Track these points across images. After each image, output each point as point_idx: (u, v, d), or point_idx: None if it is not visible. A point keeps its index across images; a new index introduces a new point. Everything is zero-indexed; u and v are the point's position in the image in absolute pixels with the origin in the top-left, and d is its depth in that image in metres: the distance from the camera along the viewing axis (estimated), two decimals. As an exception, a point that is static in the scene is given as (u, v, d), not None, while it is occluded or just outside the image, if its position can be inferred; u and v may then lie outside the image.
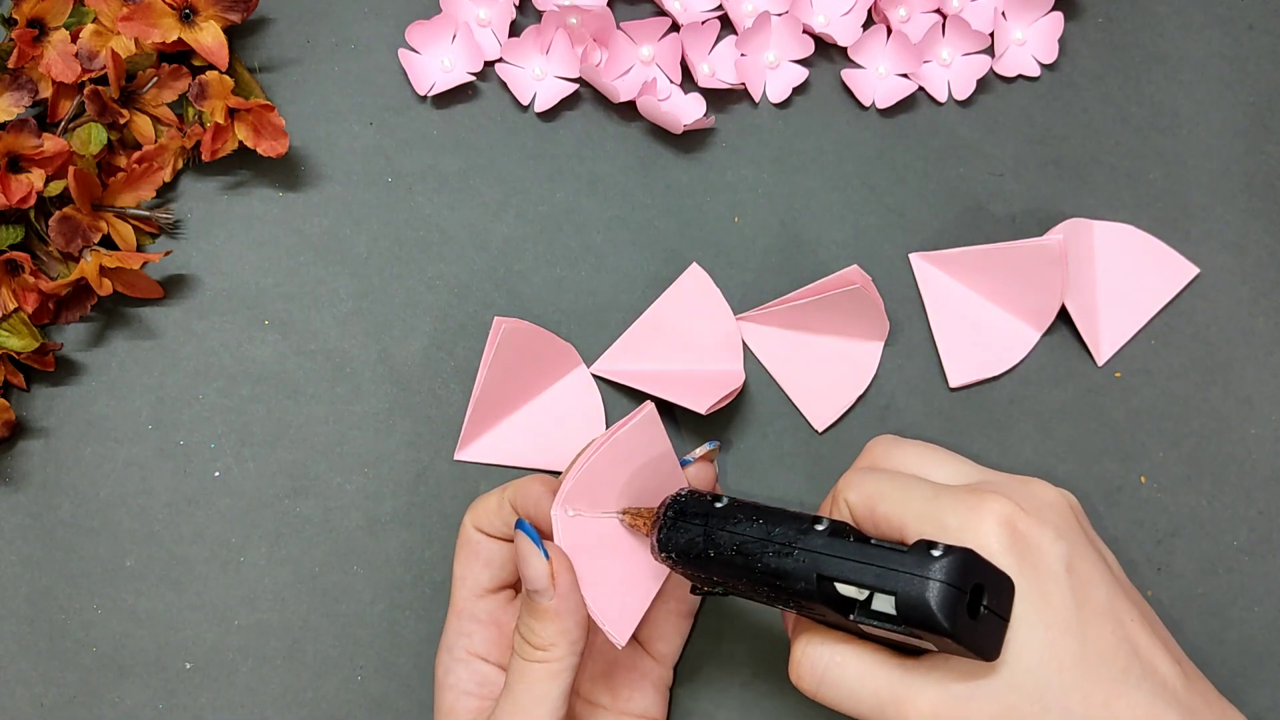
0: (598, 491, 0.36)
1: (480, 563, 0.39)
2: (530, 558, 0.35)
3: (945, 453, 0.36)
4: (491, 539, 0.39)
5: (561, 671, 0.35)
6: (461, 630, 0.39)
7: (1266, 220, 0.47)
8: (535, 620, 0.35)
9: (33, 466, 0.43)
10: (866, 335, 0.45)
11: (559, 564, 0.35)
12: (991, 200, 0.47)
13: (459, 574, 0.39)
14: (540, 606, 0.35)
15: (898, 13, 0.47)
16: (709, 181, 0.47)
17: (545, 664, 0.35)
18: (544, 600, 0.35)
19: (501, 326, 0.43)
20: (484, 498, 0.39)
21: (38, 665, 0.42)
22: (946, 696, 0.31)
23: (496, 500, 0.39)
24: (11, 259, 0.41)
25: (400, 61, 0.46)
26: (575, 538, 0.36)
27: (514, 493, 0.38)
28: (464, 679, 0.38)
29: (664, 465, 0.37)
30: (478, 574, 0.39)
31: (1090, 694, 0.30)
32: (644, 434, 0.37)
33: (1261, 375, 0.45)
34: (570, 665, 0.35)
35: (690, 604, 0.41)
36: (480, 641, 0.39)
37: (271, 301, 0.45)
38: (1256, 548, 0.44)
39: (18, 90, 0.43)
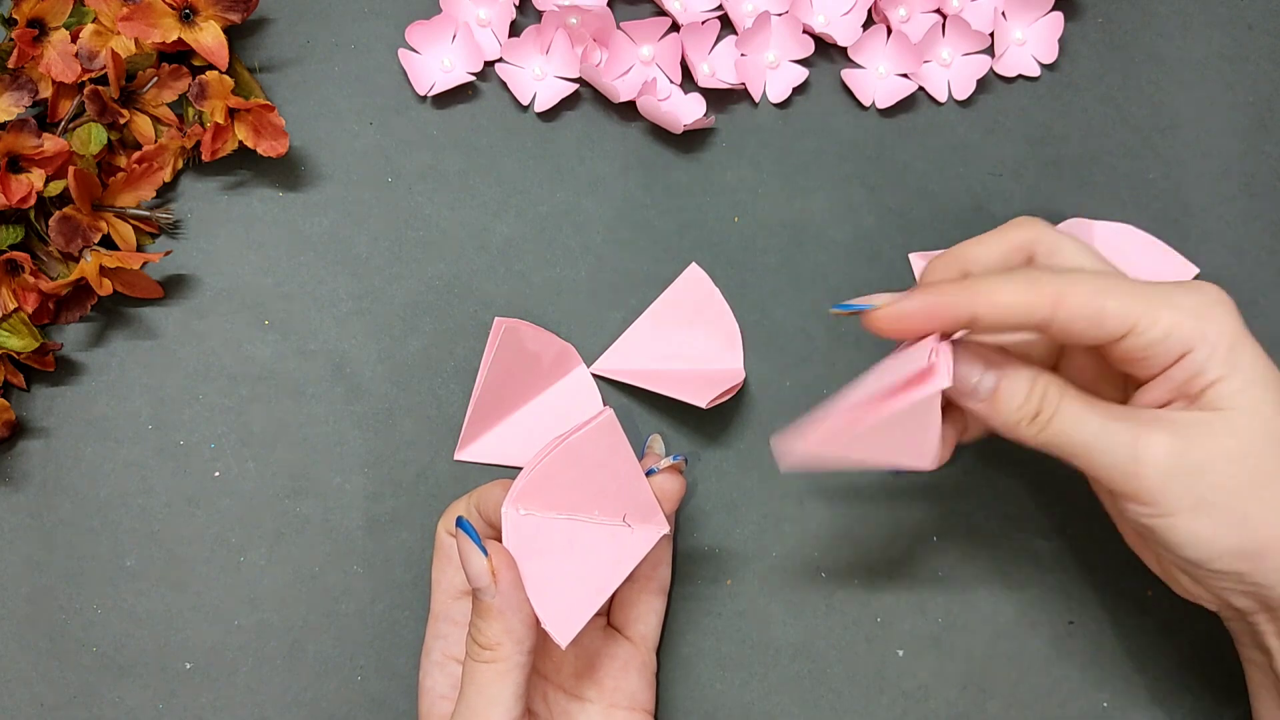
0: (551, 492, 0.36)
1: (453, 566, 0.39)
2: (470, 555, 0.35)
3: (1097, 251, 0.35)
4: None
5: (509, 671, 0.34)
6: (438, 633, 0.39)
7: (1266, 220, 0.47)
8: (481, 619, 0.35)
9: (33, 466, 0.43)
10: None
11: (499, 560, 0.35)
12: (991, 200, 0.47)
13: (435, 578, 0.40)
14: (484, 604, 0.35)
15: (898, 13, 0.47)
16: (709, 181, 0.47)
17: (493, 664, 0.34)
18: (486, 597, 0.35)
19: (501, 326, 0.43)
20: (455, 503, 0.40)
21: (38, 665, 0.42)
22: (1182, 436, 0.31)
23: (465, 505, 0.39)
24: (11, 259, 0.41)
25: (400, 61, 0.46)
26: (525, 537, 0.36)
27: (479, 497, 0.38)
28: (440, 682, 0.38)
29: (624, 471, 0.37)
30: (451, 577, 0.39)
31: None
32: (602, 439, 0.36)
33: (1261, 375, 0.45)
34: (519, 664, 0.35)
35: (661, 581, 0.41)
36: (455, 644, 0.39)
37: (271, 301, 0.45)
38: (1256, 548, 0.44)
39: (18, 90, 0.43)
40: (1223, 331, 0.32)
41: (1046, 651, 0.43)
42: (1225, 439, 0.31)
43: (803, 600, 0.43)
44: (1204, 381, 0.32)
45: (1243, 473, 0.31)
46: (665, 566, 0.41)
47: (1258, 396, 0.31)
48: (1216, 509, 0.31)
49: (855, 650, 0.43)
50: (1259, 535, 0.31)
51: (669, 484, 0.39)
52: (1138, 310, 0.32)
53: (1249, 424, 0.31)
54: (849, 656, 0.42)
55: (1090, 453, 0.32)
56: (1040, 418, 0.33)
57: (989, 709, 0.42)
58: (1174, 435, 0.32)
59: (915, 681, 0.42)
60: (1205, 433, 0.31)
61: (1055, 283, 0.32)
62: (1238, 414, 0.31)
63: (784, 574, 0.43)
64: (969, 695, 0.42)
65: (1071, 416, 0.32)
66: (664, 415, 0.44)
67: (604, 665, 0.40)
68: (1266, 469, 0.31)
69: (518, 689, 0.35)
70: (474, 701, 0.35)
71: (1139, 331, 0.32)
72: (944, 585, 0.43)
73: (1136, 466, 0.32)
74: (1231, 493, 0.31)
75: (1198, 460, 0.31)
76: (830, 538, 0.43)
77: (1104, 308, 0.32)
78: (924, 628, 0.43)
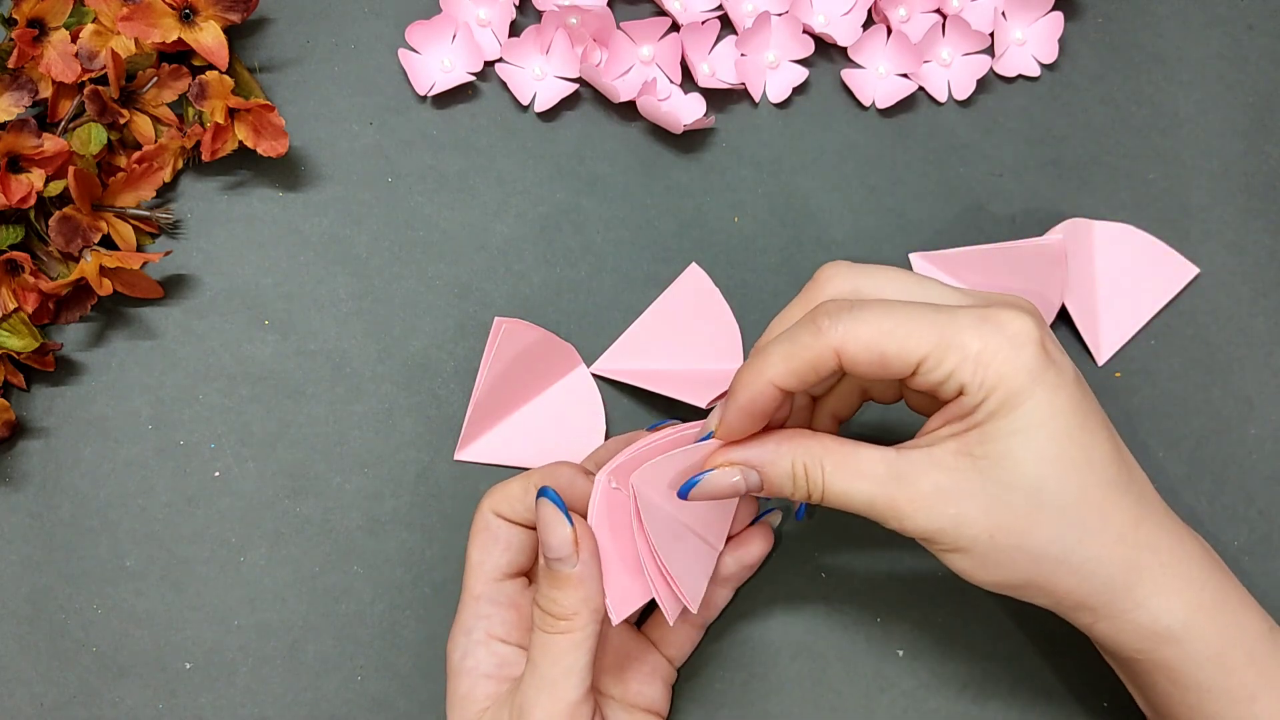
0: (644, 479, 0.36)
1: (499, 546, 0.38)
2: (554, 524, 0.35)
3: (909, 274, 0.35)
4: (511, 524, 0.39)
5: (584, 640, 0.35)
6: (480, 613, 0.38)
7: (1266, 220, 0.47)
8: (557, 590, 0.35)
9: (33, 466, 0.43)
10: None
11: (583, 531, 0.35)
12: (991, 200, 0.47)
13: (476, 559, 0.39)
14: (562, 575, 0.35)
15: (898, 13, 0.47)
16: (709, 181, 0.47)
17: (569, 634, 0.35)
18: (566, 567, 0.35)
19: (501, 326, 0.43)
20: (505, 484, 0.39)
21: (38, 665, 0.42)
22: (945, 483, 0.32)
23: (520, 485, 0.38)
24: (11, 259, 0.41)
25: (400, 61, 0.46)
26: (607, 511, 0.36)
27: (541, 476, 0.38)
28: (484, 661, 0.38)
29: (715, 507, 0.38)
30: (496, 558, 0.38)
31: (1086, 496, 0.32)
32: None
33: (1261, 375, 0.45)
34: (593, 634, 0.35)
35: (705, 616, 0.42)
36: (499, 624, 0.38)
37: (271, 301, 0.45)
38: (1256, 548, 0.44)
39: (18, 90, 0.43)
40: (1003, 376, 0.32)
41: (1046, 652, 0.43)
42: (982, 491, 0.32)
43: (803, 600, 0.43)
44: (971, 422, 0.32)
45: (991, 525, 0.32)
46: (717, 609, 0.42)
47: (1016, 449, 0.32)
48: (974, 555, 0.33)
49: (855, 650, 0.43)
50: (1017, 575, 0.33)
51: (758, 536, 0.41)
52: (922, 350, 0.32)
53: (1007, 475, 0.32)
54: (849, 656, 0.42)
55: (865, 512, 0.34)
56: (814, 497, 0.34)
57: (989, 709, 0.42)
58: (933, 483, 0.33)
59: (915, 681, 0.42)
60: (965, 482, 0.32)
61: (840, 334, 0.32)
62: (999, 463, 0.32)
63: (784, 574, 0.43)
64: (969, 695, 0.42)
65: (837, 488, 0.34)
66: (664, 415, 0.44)
67: (633, 669, 0.40)
68: (1014, 525, 0.32)
69: (590, 658, 0.35)
70: (549, 673, 0.35)
71: (923, 372, 0.32)
72: (944, 585, 0.43)
73: (900, 524, 0.33)
74: (983, 544, 0.33)
75: (953, 510, 0.32)
76: (830, 538, 0.43)
77: (884, 352, 0.32)
78: (924, 628, 0.43)
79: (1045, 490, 0.32)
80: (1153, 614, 0.33)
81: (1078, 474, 0.32)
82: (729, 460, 0.35)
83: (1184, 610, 0.33)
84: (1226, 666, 0.33)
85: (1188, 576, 0.34)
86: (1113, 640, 0.34)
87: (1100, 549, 0.33)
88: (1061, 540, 0.32)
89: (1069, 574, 0.33)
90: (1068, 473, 0.32)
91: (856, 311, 0.32)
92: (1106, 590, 0.33)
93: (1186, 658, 0.33)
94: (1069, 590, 0.33)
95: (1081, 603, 0.33)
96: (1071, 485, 0.32)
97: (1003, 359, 0.32)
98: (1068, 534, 0.32)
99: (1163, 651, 0.34)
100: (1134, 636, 0.34)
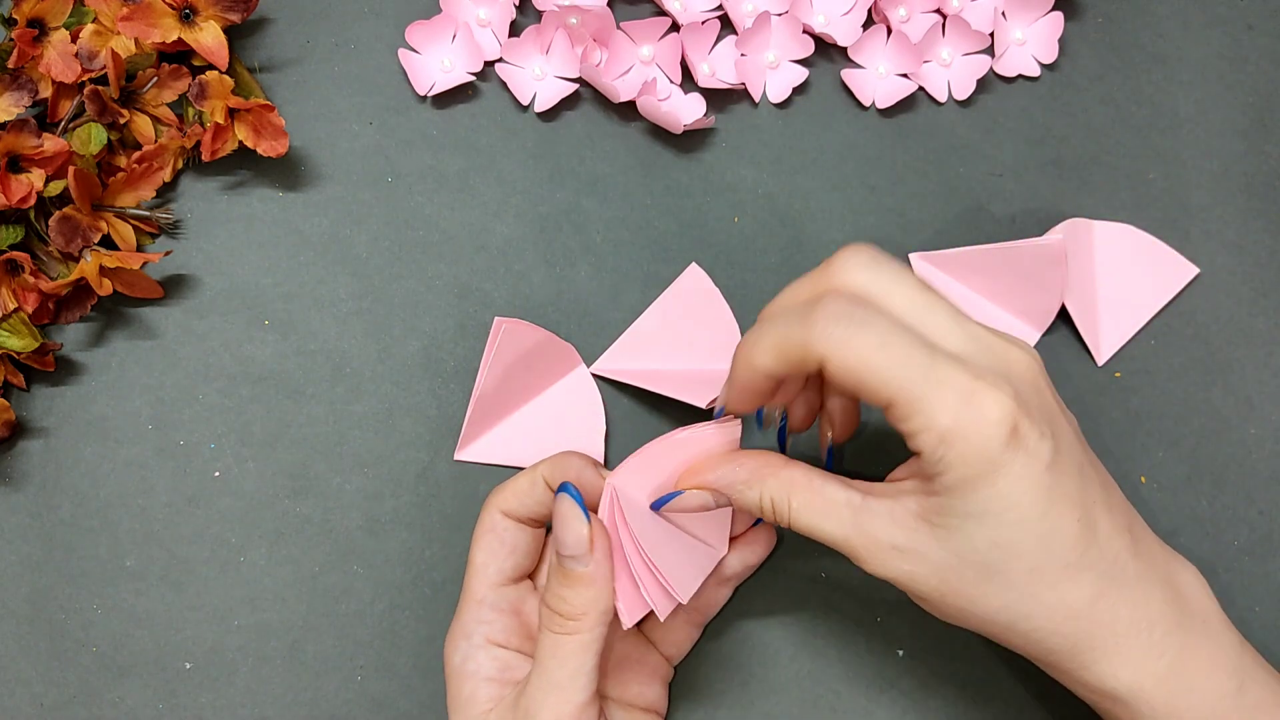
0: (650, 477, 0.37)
1: (505, 549, 0.38)
2: (572, 520, 0.35)
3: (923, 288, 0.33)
4: (519, 524, 0.38)
5: (592, 643, 0.35)
6: (481, 619, 0.38)
7: (1266, 220, 0.47)
8: (568, 588, 0.35)
9: (33, 466, 0.43)
10: None
11: (598, 530, 0.35)
12: (991, 200, 0.47)
13: (480, 561, 0.38)
14: (575, 573, 0.35)
15: (898, 13, 0.47)
16: (709, 181, 0.47)
17: (577, 635, 0.35)
18: (580, 566, 0.35)
19: (501, 326, 0.43)
20: (512, 480, 0.39)
21: (38, 665, 0.42)
22: (901, 542, 0.33)
23: (528, 480, 0.38)
24: (11, 259, 0.41)
25: (400, 61, 0.46)
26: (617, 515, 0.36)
27: (549, 468, 0.38)
28: (485, 665, 0.37)
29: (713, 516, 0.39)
30: (501, 561, 0.38)
31: (1041, 579, 0.32)
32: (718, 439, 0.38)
33: (1261, 375, 0.45)
34: (601, 636, 0.35)
35: (705, 615, 0.42)
36: (501, 630, 0.38)
37: (271, 301, 0.45)
38: (1256, 548, 0.44)
39: (18, 90, 0.43)
40: (964, 458, 0.31)
41: (1046, 651, 0.43)
42: (929, 561, 0.33)
43: (803, 600, 0.43)
44: (931, 490, 0.32)
45: (942, 587, 0.33)
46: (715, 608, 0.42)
47: (970, 527, 0.32)
48: (929, 604, 0.34)
49: (855, 650, 0.43)
50: (970, 626, 0.34)
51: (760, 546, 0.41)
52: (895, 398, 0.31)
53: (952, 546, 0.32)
54: (849, 656, 0.42)
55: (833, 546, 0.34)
56: (782, 524, 0.35)
57: (989, 709, 0.42)
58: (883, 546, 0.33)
59: (915, 681, 0.42)
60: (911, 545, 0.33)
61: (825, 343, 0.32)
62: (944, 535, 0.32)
63: (784, 574, 0.43)
64: (969, 695, 0.42)
65: (804, 526, 0.35)
66: (664, 415, 0.44)
67: (632, 669, 0.40)
68: (963, 590, 0.33)
69: (598, 660, 0.35)
70: (557, 675, 0.35)
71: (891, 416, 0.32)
72: (944, 585, 0.43)
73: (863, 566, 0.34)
74: (937, 600, 0.33)
75: (902, 572, 0.33)
76: (830, 538, 0.43)
77: (861, 381, 0.31)
78: (924, 628, 0.43)
79: (996, 571, 0.32)
80: (1099, 677, 0.33)
81: (1031, 559, 0.32)
82: (699, 484, 0.36)
83: (1132, 677, 0.33)
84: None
85: (1145, 645, 0.33)
86: (1077, 690, 0.35)
87: (1048, 624, 0.33)
88: (1009, 612, 0.33)
89: (1017, 638, 0.34)
90: (1021, 558, 0.32)
91: (851, 328, 0.31)
92: (1054, 654, 0.34)
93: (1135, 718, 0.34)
94: (1019, 648, 0.34)
95: (1036, 658, 0.34)
96: (1022, 569, 0.32)
97: (966, 443, 0.31)
98: (1016, 609, 0.33)
99: (1113, 709, 0.34)
100: (1083, 690, 0.34)
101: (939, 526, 0.32)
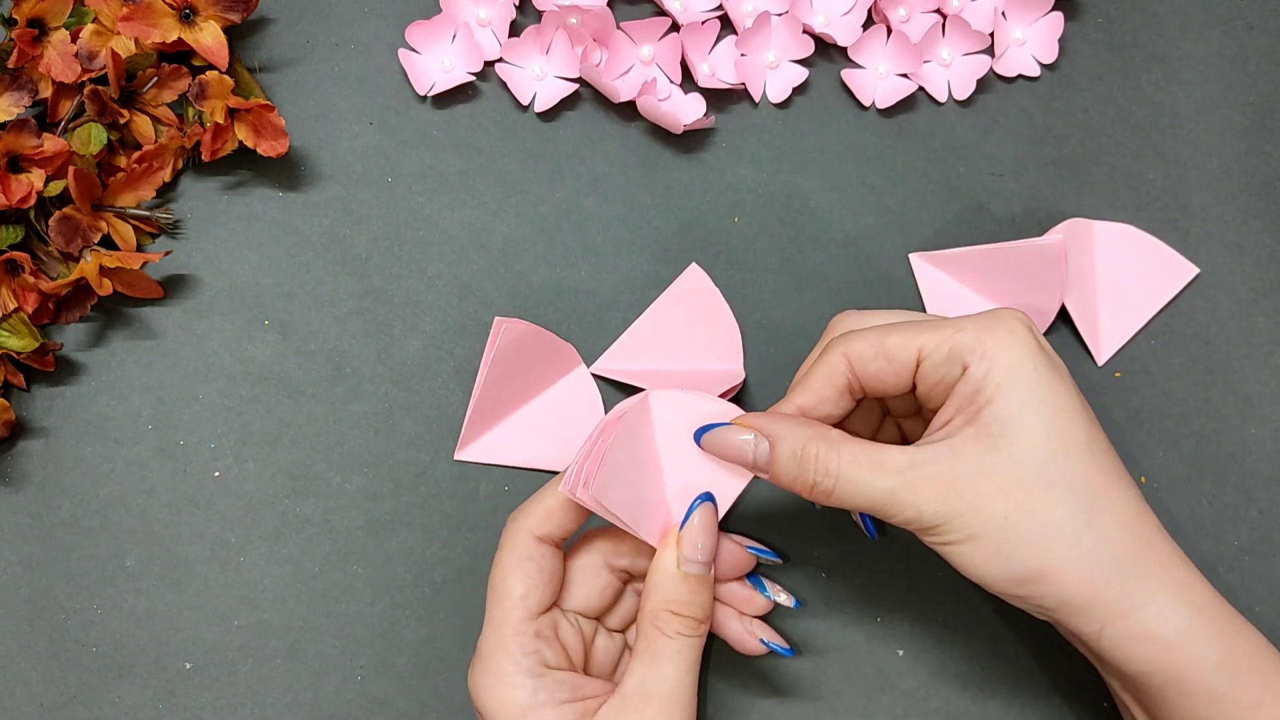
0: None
1: (544, 577, 0.36)
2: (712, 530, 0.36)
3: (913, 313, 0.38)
4: (554, 550, 0.37)
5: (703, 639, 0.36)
6: (526, 649, 0.35)
7: (1266, 220, 0.47)
8: (698, 594, 0.36)
9: (33, 466, 0.43)
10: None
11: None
12: (991, 200, 0.47)
13: (520, 592, 0.36)
14: (705, 578, 0.36)
15: (898, 13, 0.47)
16: (709, 181, 0.47)
17: (700, 637, 0.36)
18: (708, 571, 0.36)
19: (501, 326, 0.43)
20: (538, 501, 0.37)
21: (38, 665, 0.42)
22: (963, 468, 0.33)
23: (554, 499, 0.37)
24: (11, 259, 0.41)
25: (400, 61, 0.46)
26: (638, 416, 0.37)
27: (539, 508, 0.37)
28: (555, 692, 0.35)
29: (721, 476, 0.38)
30: (542, 590, 0.36)
31: (1092, 479, 0.33)
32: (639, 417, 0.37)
33: (1261, 375, 0.45)
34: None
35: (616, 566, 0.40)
36: (553, 655, 0.36)
37: (271, 301, 0.45)
38: (1256, 548, 0.44)
39: (18, 90, 0.43)
40: (1004, 349, 0.34)
41: (1046, 651, 0.43)
42: (994, 472, 0.33)
43: (803, 600, 0.43)
44: (981, 400, 0.34)
45: (1007, 506, 0.33)
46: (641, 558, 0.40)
47: (1027, 423, 0.33)
48: (986, 540, 0.33)
49: (855, 650, 0.43)
50: (1028, 565, 0.33)
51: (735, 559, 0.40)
52: (920, 339, 0.34)
53: (1015, 454, 0.33)
54: (849, 656, 0.42)
55: (878, 510, 0.34)
56: (820, 488, 0.35)
57: (989, 709, 0.42)
58: (947, 472, 0.33)
59: (915, 681, 0.42)
60: (976, 467, 0.33)
61: (843, 341, 0.36)
62: (1007, 443, 0.33)
63: (784, 574, 0.43)
64: (969, 695, 0.42)
65: (854, 480, 0.34)
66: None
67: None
68: (1029, 504, 0.33)
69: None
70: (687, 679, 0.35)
71: (924, 355, 0.34)
72: (944, 585, 0.43)
73: (917, 512, 0.33)
74: (998, 525, 0.33)
75: (969, 496, 0.33)
76: (830, 538, 0.43)
77: (885, 345, 0.35)
78: (924, 628, 0.43)
79: (1055, 468, 0.33)
80: (1158, 613, 0.33)
81: (1082, 457, 0.33)
82: (748, 422, 0.36)
83: (1187, 612, 0.33)
84: (1233, 672, 0.33)
85: (1186, 580, 0.34)
86: (1120, 651, 0.34)
87: (1110, 531, 0.33)
88: (1073, 520, 0.33)
89: (1080, 559, 0.33)
90: (1073, 453, 0.33)
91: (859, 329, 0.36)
92: (1115, 581, 0.33)
93: (1194, 664, 0.33)
94: (1079, 581, 0.33)
95: (1091, 598, 0.33)
96: (1078, 466, 0.33)
97: (1000, 341, 0.34)
98: (1078, 514, 0.33)
99: (1172, 658, 0.33)
100: (1142, 644, 0.33)
101: (999, 435, 0.33)
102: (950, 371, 0.34)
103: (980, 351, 0.34)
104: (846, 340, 0.36)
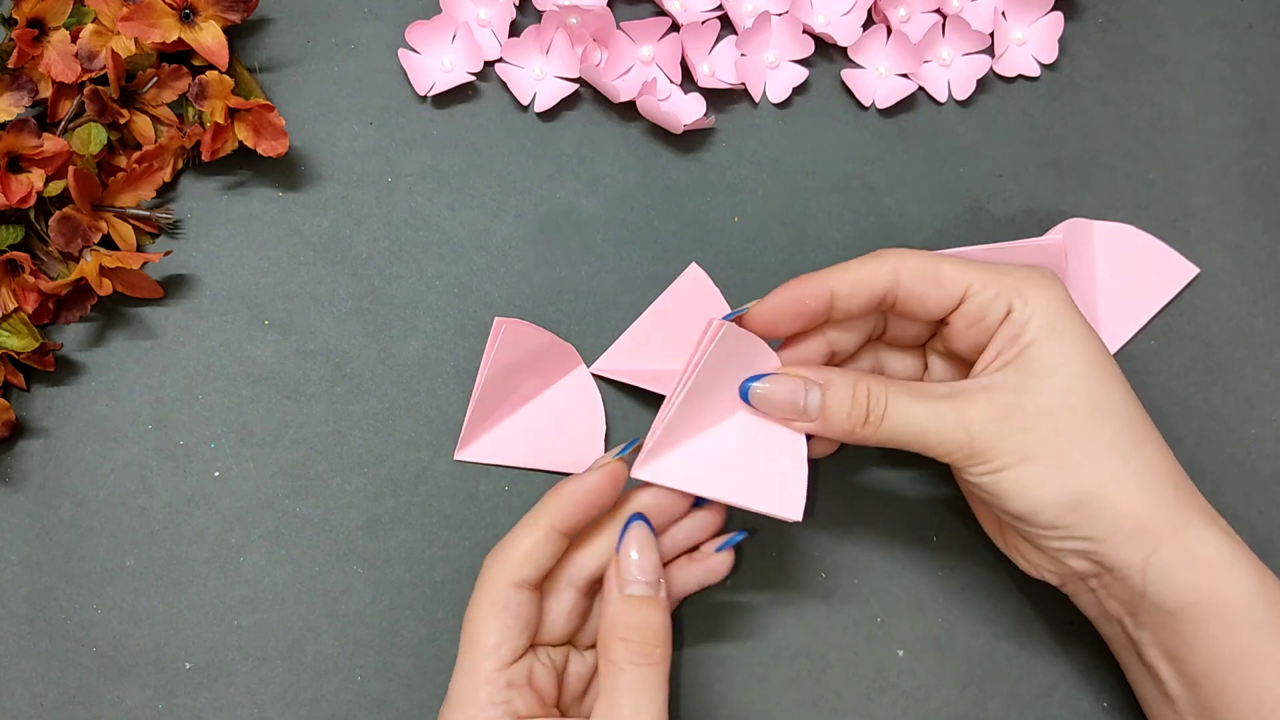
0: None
1: (520, 625, 0.35)
2: (649, 550, 0.35)
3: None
4: (532, 593, 0.36)
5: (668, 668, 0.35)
6: (494, 699, 0.34)
7: (1266, 220, 0.47)
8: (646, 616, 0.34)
9: (33, 466, 0.43)
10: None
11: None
12: (991, 200, 0.47)
13: (494, 641, 0.35)
14: (653, 600, 0.35)
15: (898, 13, 0.47)
16: (709, 181, 0.47)
17: (662, 664, 0.34)
18: (655, 592, 0.35)
19: (501, 326, 0.43)
20: (512, 543, 0.36)
21: (38, 665, 0.42)
22: (1002, 399, 0.35)
23: (537, 538, 0.35)
24: (11, 259, 0.41)
25: (400, 61, 0.46)
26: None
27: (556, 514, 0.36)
28: None
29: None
30: (515, 640, 0.35)
31: (1132, 410, 0.35)
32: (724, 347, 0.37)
33: (1261, 375, 0.45)
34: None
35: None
36: (524, 704, 0.35)
37: (271, 301, 0.45)
38: (1256, 548, 0.43)
39: (18, 90, 0.43)
40: (1045, 297, 0.36)
41: (1046, 651, 0.43)
42: (1041, 396, 0.35)
43: (803, 600, 0.43)
44: (1024, 341, 0.35)
45: (1058, 426, 0.34)
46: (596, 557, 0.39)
47: (1070, 357, 0.35)
48: (1039, 459, 0.34)
49: (855, 650, 0.43)
50: (1080, 484, 0.34)
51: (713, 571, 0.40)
52: (971, 275, 0.36)
53: (1061, 383, 0.35)
54: (849, 656, 0.42)
55: (925, 436, 0.35)
56: (871, 419, 0.35)
57: (989, 709, 0.42)
58: (994, 399, 0.35)
59: (915, 681, 0.42)
60: (1023, 393, 0.35)
61: (895, 255, 0.37)
62: (1052, 374, 0.35)
63: (784, 574, 0.43)
64: (969, 695, 0.42)
65: (900, 410, 0.35)
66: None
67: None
68: (1078, 424, 0.34)
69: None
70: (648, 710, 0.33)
71: (973, 293, 0.36)
72: (944, 585, 0.43)
73: (967, 435, 0.34)
74: (1050, 444, 0.34)
75: (1018, 419, 0.34)
76: (830, 538, 0.43)
77: (940, 270, 0.36)
78: (924, 628, 0.43)
79: (1100, 395, 0.35)
80: (1199, 537, 0.34)
81: (1123, 390, 0.35)
82: (796, 371, 0.36)
83: (1225, 537, 0.34)
84: (1270, 600, 0.34)
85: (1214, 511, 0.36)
86: (1165, 582, 0.34)
87: (1155, 455, 0.35)
88: (1120, 443, 0.34)
89: (1128, 478, 0.34)
90: (1115, 387, 0.35)
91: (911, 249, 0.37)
92: (1161, 505, 0.34)
93: (1237, 590, 0.34)
94: (1129, 502, 0.34)
95: (1141, 522, 0.34)
96: (1119, 397, 0.35)
97: (1043, 289, 0.36)
98: (1125, 435, 0.34)
99: (1215, 585, 0.34)
100: (1188, 572, 0.34)
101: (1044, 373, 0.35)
102: (994, 311, 0.36)
103: (1026, 296, 0.35)
104: (900, 254, 0.37)
